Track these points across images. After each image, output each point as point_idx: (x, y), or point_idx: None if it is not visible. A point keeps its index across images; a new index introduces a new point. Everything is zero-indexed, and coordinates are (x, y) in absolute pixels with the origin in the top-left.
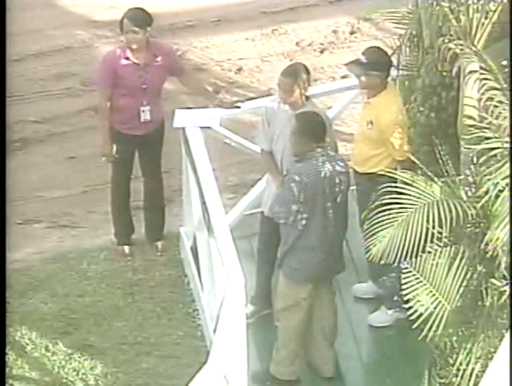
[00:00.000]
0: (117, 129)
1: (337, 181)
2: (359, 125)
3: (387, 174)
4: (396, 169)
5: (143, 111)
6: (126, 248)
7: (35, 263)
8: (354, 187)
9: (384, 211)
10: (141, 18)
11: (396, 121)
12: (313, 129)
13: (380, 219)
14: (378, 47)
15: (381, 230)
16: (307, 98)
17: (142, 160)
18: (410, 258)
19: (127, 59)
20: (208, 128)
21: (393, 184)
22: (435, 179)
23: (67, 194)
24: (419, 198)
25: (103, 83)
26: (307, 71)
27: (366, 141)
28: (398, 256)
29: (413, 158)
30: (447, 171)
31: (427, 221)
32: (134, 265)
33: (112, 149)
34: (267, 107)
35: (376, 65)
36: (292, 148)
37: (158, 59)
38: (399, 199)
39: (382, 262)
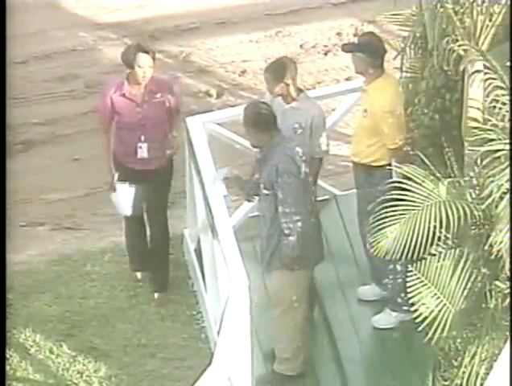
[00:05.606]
0: (119, 160)
1: (300, 169)
2: (359, 115)
3: (383, 166)
4: (390, 159)
5: (140, 147)
6: (139, 274)
7: (38, 265)
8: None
9: (389, 207)
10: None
11: (388, 108)
12: (260, 119)
13: (385, 216)
14: (372, 33)
15: (387, 227)
16: (301, 91)
17: (145, 199)
18: (415, 258)
19: (123, 95)
20: (212, 129)
21: (398, 180)
22: (442, 180)
23: (70, 196)
24: (425, 197)
25: (103, 116)
26: (293, 64)
27: (362, 130)
28: (403, 254)
29: (412, 154)
30: (452, 173)
31: (434, 221)
32: None
33: (114, 178)
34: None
35: (364, 47)
36: (249, 141)
37: (158, 95)
38: (404, 195)
39: (386, 260)
